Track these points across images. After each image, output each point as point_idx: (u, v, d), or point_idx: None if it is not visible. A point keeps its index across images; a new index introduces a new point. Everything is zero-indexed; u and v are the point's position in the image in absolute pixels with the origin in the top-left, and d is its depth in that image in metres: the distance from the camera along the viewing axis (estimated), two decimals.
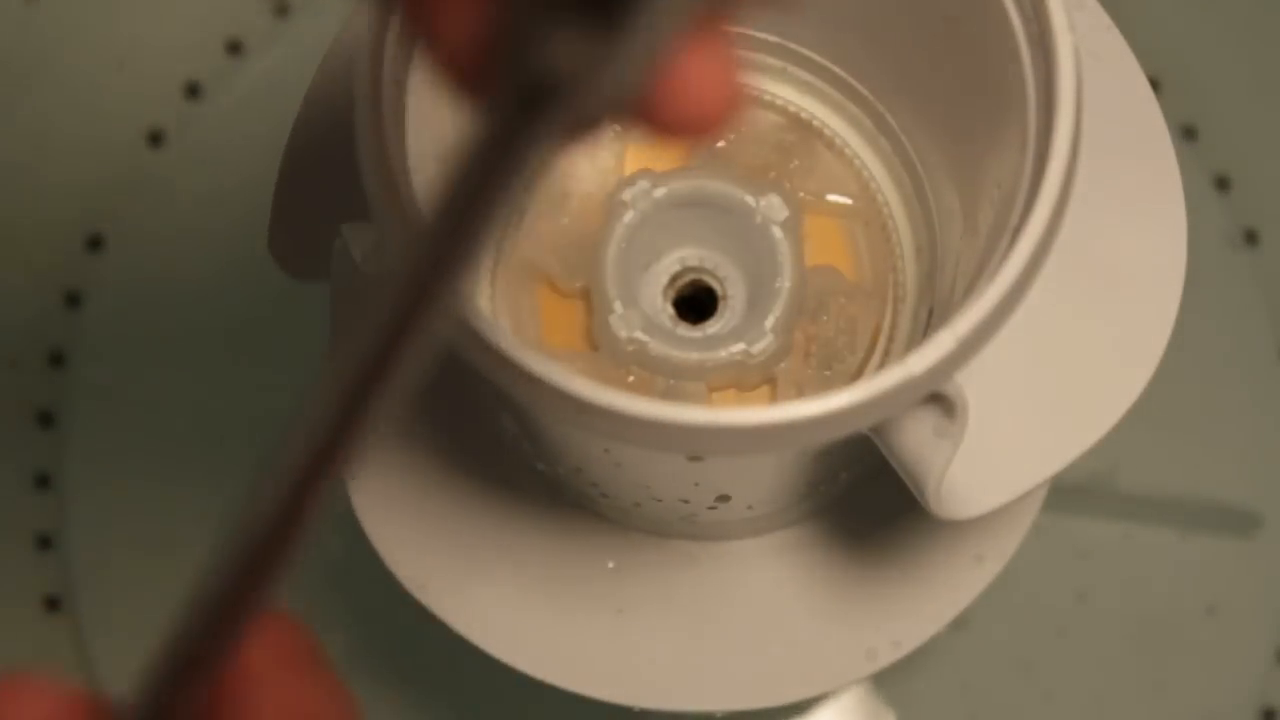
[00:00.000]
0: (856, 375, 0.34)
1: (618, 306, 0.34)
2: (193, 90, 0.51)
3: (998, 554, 0.35)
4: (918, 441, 0.29)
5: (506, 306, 0.35)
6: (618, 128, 0.36)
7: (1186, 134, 0.51)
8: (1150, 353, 0.31)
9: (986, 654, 0.47)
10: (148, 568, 0.48)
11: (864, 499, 0.36)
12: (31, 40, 0.51)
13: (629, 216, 0.34)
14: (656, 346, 0.33)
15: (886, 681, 0.35)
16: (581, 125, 0.16)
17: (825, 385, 0.34)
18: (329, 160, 0.33)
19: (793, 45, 0.35)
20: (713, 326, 0.35)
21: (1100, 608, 0.48)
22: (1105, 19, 0.34)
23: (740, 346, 0.33)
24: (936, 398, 0.28)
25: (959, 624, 0.35)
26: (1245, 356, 0.50)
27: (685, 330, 0.35)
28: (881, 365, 0.35)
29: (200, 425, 0.49)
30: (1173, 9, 0.52)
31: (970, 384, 0.29)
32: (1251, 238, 0.51)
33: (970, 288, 0.28)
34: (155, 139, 0.51)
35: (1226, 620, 0.48)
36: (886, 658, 0.35)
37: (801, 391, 0.34)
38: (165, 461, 0.49)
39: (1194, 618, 0.48)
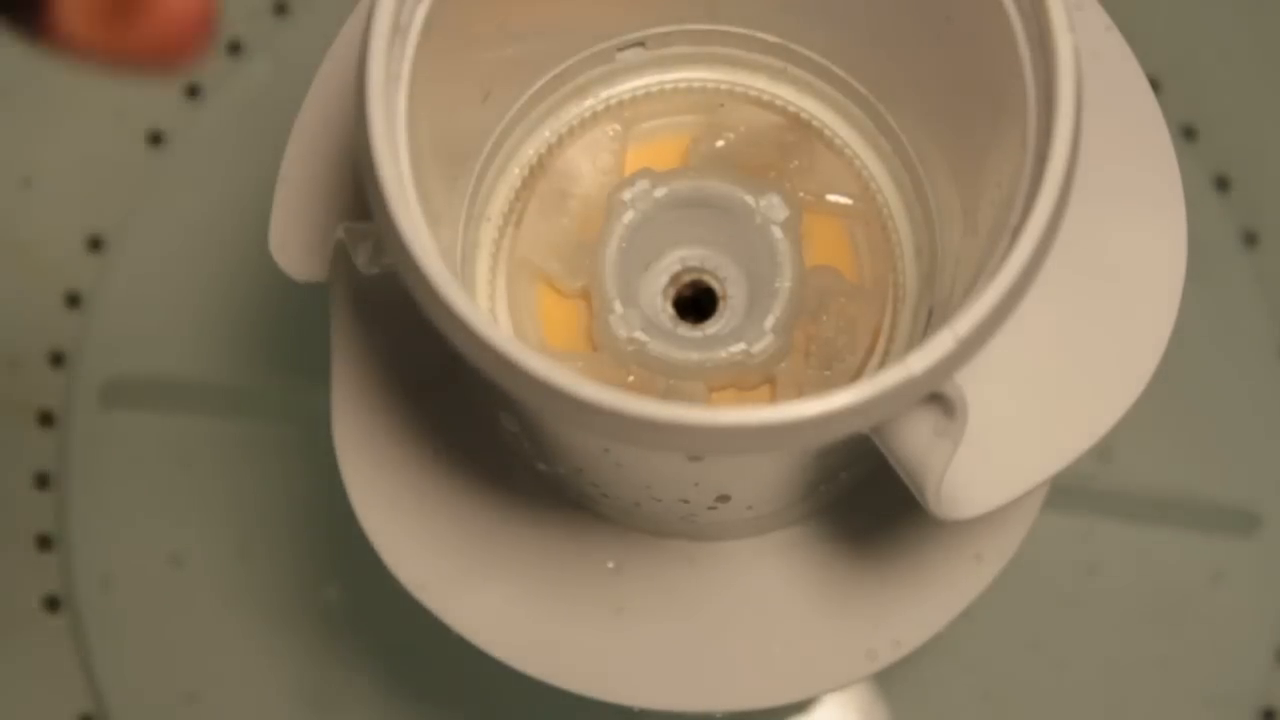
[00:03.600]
0: (856, 375, 0.34)
1: (618, 306, 0.34)
2: (193, 90, 0.51)
3: (998, 554, 0.35)
4: (917, 441, 0.29)
5: (506, 307, 0.35)
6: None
7: (1186, 134, 0.51)
8: (1150, 353, 0.31)
9: (993, 640, 0.47)
10: (148, 568, 0.48)
11: (864, 499, 0.36)
12: None
13: (629, 216, 0.34)
14: (656, 346, 0.33)
15: (898, 667, 0.35)
16: None
17: (825, 385, 0.34)
18: (329, 160, 0.33)
19: (793, 45, 0.35)
20: (713, 326, 0.35)
21: (1097, 607, 0.48)
22: (1105, 19, 0.34)
23: (740, 346, 0.33)
24: (936, 398, 0.28)
25: (961, 613, 0.35)
26: (1245, 357, 0.50)
27: (685, 330, 0.35)
28: (881, 365, 0.35)
29: (200, 425, 0.49)
30: (1173, 9, 0.52)
31: (970, 384, 0.29)
32: (1251, 238, 0.51)
33: (970, 288, 0.28)
34: (155, 139, 0.51)
35: (1225, 623, 0.48)
36: (887, 657, 0.35)
37: (801, 391, 0.34)
38: (165, 461, 0.49)
39: (1192, 619, 0.48)
